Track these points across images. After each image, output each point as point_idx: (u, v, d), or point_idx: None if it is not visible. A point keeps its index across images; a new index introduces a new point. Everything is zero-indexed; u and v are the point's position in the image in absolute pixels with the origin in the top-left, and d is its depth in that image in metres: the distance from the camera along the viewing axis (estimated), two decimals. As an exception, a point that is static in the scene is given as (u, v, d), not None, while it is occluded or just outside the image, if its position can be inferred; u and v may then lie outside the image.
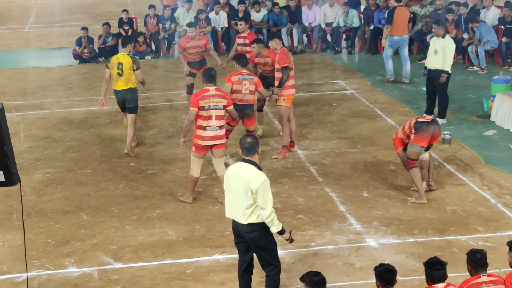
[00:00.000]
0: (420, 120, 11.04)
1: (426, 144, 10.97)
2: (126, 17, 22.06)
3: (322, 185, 11.79)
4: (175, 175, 12.40)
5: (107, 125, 15.06)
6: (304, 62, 20.41)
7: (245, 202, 7.73)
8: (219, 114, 10.81)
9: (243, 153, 7.92)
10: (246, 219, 7.78)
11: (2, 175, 6.96)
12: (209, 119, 10.76)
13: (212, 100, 10.73)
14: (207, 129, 10.78)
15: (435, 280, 6.71)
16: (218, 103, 10.77)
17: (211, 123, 10.77)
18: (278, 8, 21.64)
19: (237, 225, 7.90)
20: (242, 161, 7.93)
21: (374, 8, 21.31)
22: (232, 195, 7.87)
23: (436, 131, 11.00)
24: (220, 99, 10.80)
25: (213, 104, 10.73)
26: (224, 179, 8.01)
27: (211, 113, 10.74)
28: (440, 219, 10.50)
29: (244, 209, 7.75)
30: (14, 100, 17.18)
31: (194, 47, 14.99)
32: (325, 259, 9.44)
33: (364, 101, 16.35)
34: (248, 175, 7.74)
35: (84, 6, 32.92)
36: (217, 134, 10.84)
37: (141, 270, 9.32)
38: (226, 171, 8.04)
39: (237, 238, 8.07)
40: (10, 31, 27.52)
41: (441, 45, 14.19)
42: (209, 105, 10.71)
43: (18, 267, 9.42)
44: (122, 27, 21.99)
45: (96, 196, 11.70)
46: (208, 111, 10.72)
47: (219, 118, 10.82)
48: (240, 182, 7.75)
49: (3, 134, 6.86)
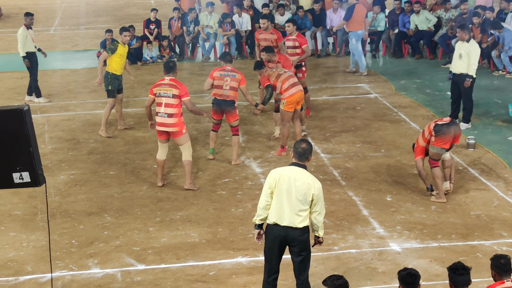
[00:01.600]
0: (440, 123, 11.02)
1: (448, 145, 10.97)
2: (154, 17, 22.10)
3: (345, 188, 11.76)
4: (198, 177, 12.43)
5: (132, 127, 15.12)
6: (328, 66, 20.39)
7: (302, 206, 7.70)
8: (169, 102, 11.58)
9: (295, 157, 7.85)
10: (300, 222, 7.73)
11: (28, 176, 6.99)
12: (159, 106, 11.67)
13: (163, 88, 11.62)
14: (158, 115, 11.71)
15: (459, 285, 6.67)
16: (167, 91, 11.56)
17: (161, 110, 11.63)
18: (302, 12, 21.64)
19: (286, 229, 7.77)
20: (294, 165, 7.83)
21: (398, 12, 21.27)
22: (284, 198, 7.72)
23: (457, 131, 11.00)
24: (171, 88, 11.58)
25: (163, 92, 11.60)
26: (275, 181, 7.77)
27: (162, 100, 11.63)
28: (464, 224, 10.45)
29: (299, 212, 7.71)
30: (39, 102, 17.29)
31: (265, 39, 15.06)
32: (348, 263, 9.42)
33: (388, 105, 16.30)
34: (308, 180, 7.71)
35: (109, 8, 33.08)
36: (166, 121, 11.64)
37: (164, 272, 9.34)
38: (277, 173, 7.83)
39: (274, 243, 7.88)
40: (35, 33, 27.39)
41: (466, 50, 14.12)
42: (160, 93, 11.64)
43: (42, 267, 9.48)
44: (148, 27, 22.02)
45: (120, 197, 11.75)
46: (159, 98, 11.65)
47: (168, 106, 11.57)
48: (301, 187, 7.68)
49: (29, 136, 6.90)
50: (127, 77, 15.76)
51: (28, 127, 6.90)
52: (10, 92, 18.41)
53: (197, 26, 21.54)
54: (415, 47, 21.00)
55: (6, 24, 29.52)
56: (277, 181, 7.77)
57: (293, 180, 7.71)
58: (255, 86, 16.23)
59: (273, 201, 7.82)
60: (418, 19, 20.73)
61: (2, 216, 11.12)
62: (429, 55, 20.88)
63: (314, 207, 7.75)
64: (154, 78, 19.27)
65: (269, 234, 7.92)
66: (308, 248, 7.93)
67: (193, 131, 14.63)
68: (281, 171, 7.85)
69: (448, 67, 16.65)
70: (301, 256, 7.92)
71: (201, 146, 13.89)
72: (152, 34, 21.89)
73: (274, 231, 7.85)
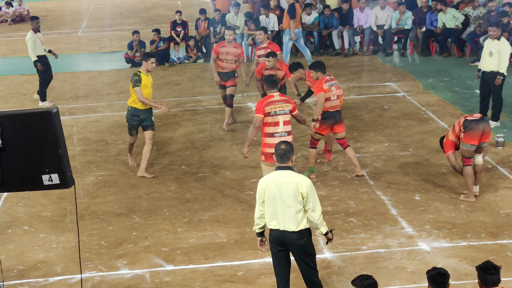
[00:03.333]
0: (469, 119, 10.95)
1: (476, 142, 10.88)
2: (179, 19, 22.18)
3: (373, 188, 11.72)
4: (226, 177, 12.44)
5: (159, 128, 15.15)
6: (355, 65, 20.33)
7: (294, 208, 7.69)
8: (286, 119, 10.50)
9: (277, 159, 7.89)
10: (296, 226, 7.74)
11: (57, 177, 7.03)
12: (275, 125, 10.47)
13: (278, 105, 10.46)
14: (276, 136, 10.41)
15: (489, 284, 6.63)
16: (284, 108, 10.47)
17: (279, 129, 10.45)
18: (328, 11, 21.59)
19: (283, 234, 7.80)
20: (278, 169, 7.87)
21: (426, 10, 21.15)
22: (276, 204, 7.77)
23: (486, 128, 10.91)
24: (286, 104, 10.52)
25: (279, 109, 10.45)
26: (263, 190, 7.84)
27: (278, 119, 10.46)
28: (493, 222, 10.37)
29: (293, 215, 7.71)
30: (68, 104, 17.43)
31: (228, 53, 14.48)
32: (377, 262, 9.38)
33: (416, 104, 16.21)
34: (294, 180, 7.72)
35: (135, 10, 33.22)
36: (287, 140, 10.04)
37: (192, 272, 9.36)
38: (264, 181, 7.90)
39: (277, 248, 7.94)
40: (63, 35, 27.90)
41: (497, 47, 14.03)
42: (275, 111, 10.43)
43: (71, 268, 9.54)
44: (175, 29, 22.10)
45: (148, 198, 11.80)
46: (274, 117, 10.44)
47: (287, 124, 10.50)
48: (288, 189, 7.69)
49: (58, 138, 6.94)
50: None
51: (57, 129, 6.94)
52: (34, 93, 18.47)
53: (224, 26, 21.55)
54: (443, 45, 20.88)
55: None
56: (265, 189, 7.82)
57: (279, 184, 7.73)
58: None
59: (266, 208, 7.87)
60: (445, 17, 20.60)
61: (32, 218, 11.21)
62: (457, 53, 20.74)
63: (307, 204, 7.71)
64: (181, 79, 19.38)
65: (270, 239, 7.99)
66: (308, 252, 7.91)
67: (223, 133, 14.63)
68: (267, 178, 7.90)
69: (476, 65, 16.51)
70: (302, 260, 7.92)
71: (228, 146, 13.89)
72: (179, 35, 21.95)
73: (272, 236, 7.92)
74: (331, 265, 9.32)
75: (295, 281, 8.53)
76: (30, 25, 17.54)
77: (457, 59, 20.43)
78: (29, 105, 17.20)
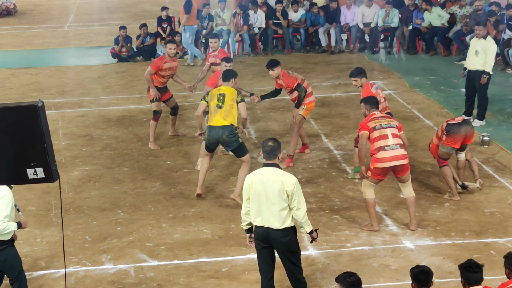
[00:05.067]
0: (451, 123, 11.02)
1: (458, 145, 10.94)
2: (165, 15, 22.13)
3: (358, 185, 11.74)
4: (211, 173, 12.43)
5: (144, 123, 15.13)
6: (341, 62, 20.34)
7: (279, 205, 7.69)
8: (394, 132, 9.98)
9: (264, 156, 7.89)
10: (281, 223, 7.74)
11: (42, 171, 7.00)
12: (384, 139, 9.90)
13: (383, 120, 10.09)
14: (387, 149, 9.87)
15: (472, 282, 6.66)
16: (389, 122, 10.09)
17: (389, 142, 9.87)
18: (316, 8, 21.59)
19: (268, 231, 7.80)
20: (265, 165, 7.87)
21: (412, 8, 21.20)
22: (261, 201, 7.76)
23: (468, 131, 10.95)
24: (391, 119, 10.22)
25: (384, 123, 10.02)
26: (249, 187, 7.85)
27: (386, 132, 9.94)
28: (477, 221, 10.41)
29: (278, 213, 7.71)
30: (53, 98, 17.36)
31: (170, 68, 13.68)
32: (361, 260, 9.41)
33: (402, 102, 16.25)
34: (280, 178, 7.71)
35: (122, 5, 33.13)
36: (400, 152, 9.90)
37: (176, 268, 9.36)
38: (249, 178, 7.90)
39: (261, 245, 7.94)
40: (50, 29, 27.80)
41: (483, 46, 14.09)
42: (380, 124, 9.99)
43: (55, 263, 9.53)
44: (160, 25, 22.06)
45: (133, 193, 11.78)
46: (381, 130, 9.96)
47: (396, 136, 9.97)
48: (273, 186, 7.69)
49: (43, 132, 6.90)
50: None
51: (42, 123, 6.89)
52: (24, 88, 18.48)
53: (211, 22, 21.49)
54: (429, 43, 20.94)
55: (21, 21, 29.63)
56: (251, 186, 7.82)
57: (265, 181, 7.73)
58: (270, 83, 16.20)
59: (251, 205, 7.87)
60: (430, 16, 20.66)
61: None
62: (443, 51, 20.81)
63: (292, 203, 7.71)
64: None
65: (254, 236, 8.00)
66: (292, 250, 7.91)
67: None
68: (253, 175, 7.90)
69: (462, 64, 16.59)
70: (286, 258, 7.93)
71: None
72: (165, 31, 21.89)
73: (257, 233, 7.92)
74: (315, 262, 9.34)
75: (279, 278, 8.55)
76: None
77: (443, 58, 20.51)
78: (15, 98, 17.13)
